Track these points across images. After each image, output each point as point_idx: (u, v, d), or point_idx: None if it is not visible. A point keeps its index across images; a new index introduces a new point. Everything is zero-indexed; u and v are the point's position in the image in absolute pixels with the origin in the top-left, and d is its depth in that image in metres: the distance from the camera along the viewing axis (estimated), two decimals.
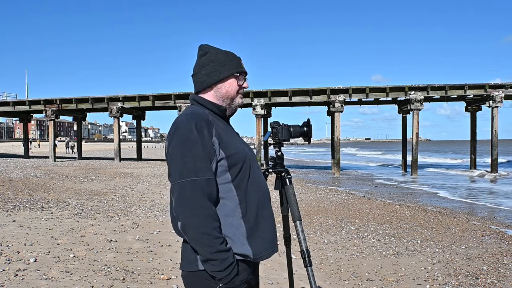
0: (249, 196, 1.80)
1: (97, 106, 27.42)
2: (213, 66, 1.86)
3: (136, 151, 33.26)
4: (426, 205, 10.77)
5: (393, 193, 13.81)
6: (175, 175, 1.68)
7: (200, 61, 1.89)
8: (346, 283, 4.51)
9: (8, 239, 5.71)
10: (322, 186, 15.45)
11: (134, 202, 9.69)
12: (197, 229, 1.63)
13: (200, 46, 1.93)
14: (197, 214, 1.63)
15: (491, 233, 7.22)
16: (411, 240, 6.56)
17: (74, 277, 4.31)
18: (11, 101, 29.42)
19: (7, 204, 8.67)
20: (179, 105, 25.55)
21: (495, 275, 4.80)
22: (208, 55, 1.88)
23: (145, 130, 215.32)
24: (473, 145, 25.60)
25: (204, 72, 1.87)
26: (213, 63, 1.86)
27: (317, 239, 6.52)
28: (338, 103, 23.34)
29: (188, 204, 1.64)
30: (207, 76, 1.86)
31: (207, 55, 1.88)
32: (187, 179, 1.65)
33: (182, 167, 1.67)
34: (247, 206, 1.78)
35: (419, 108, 22.61)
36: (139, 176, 16.63)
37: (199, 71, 1.88)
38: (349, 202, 10.64)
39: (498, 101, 22.18)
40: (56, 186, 12.14)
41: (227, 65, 1.86)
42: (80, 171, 18.10)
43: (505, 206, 11.20)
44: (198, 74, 1.88)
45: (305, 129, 2.48)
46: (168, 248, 5.62)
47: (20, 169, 18.50)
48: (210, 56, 1.87)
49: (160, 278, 4.40)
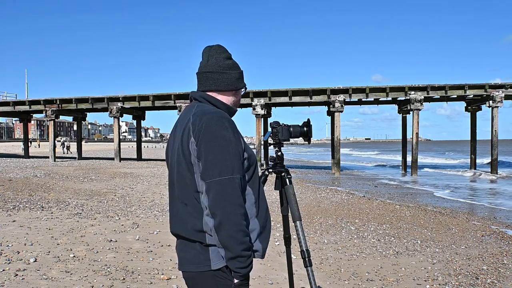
0: (260, 196, 1.84)
1: (97, 106, 27.43)
2: (240, 73, 1.90)
3: (136, 151, 33.27)
4: (426, 205, 10.77)
5: (393, 193, 13.81)
6: (214, 173, 1.65)
7: (225, 62, 1.86)
8: (346, 283, 4.51)
9: (8, 239, 5.71)
10: (322, 186, 15.45)
11: (134, 202, 9.69)
12: (235, 226, 1.63)
13: (222, 46, 1.90)
14: (237, 211, 1.64)
15: (491, 233, 7.22)
16: (411, 240, 6.56)
17: (74, 277, 4.31)
18: (11, 101, 29.43)
19: (7, 204, 8.67)
20: (179, 105, 25.55)
21: (495, 275, 4.80)
22: (233, 61, 1.90)
23: (145, 130, 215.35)
24: (473, 145, 25.60)
25: (235, 76, 1.87)
26: (238, 70, 1.90)
27: (317, 239, 6.52)
28: (338, 103, 23.34)
29: (229, 201, 1.63)
30: (237, 80, 1.88)
31: (232, 60, 1.89)
32: (227, 176, 1.65)
33: (221, 165, 1.66)
34: (259, 206, 1.82)
35: (419, 108, 22.61)
36: (139, 176, 16.63)
37: (227, 72, 1.86)
38: (349, 202, 10.64)
39: (498, 101, 22.18)
40: (56, 186, 12.14)
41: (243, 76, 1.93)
42: (80, 171, 18.10)
43: (505, 206, 11.20)
44: (227, 74, 1.86)
45: (305, 129, 2.48)
46: (168, 248, 5.62)
47: (20, 169, 18.50)
48: (235, 63, 1.90)
49: (160, 278, 4.40)
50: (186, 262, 1.80)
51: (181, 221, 1.78)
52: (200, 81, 1.88)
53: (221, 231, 1.65)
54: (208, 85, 1.85)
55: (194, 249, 1.76)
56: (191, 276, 1.79)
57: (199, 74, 1.88)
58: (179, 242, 1.85)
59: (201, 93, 1.86)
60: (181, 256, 1.83)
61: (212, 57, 1.86)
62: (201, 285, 1.78)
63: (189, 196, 1.75)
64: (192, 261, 1.76)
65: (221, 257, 1.71)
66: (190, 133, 1.72)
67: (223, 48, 1.89)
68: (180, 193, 1.79)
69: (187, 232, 1.76)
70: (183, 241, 1.81)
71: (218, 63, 1.85)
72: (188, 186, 1.75)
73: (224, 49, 1.89)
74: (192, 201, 1.75)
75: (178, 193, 1.80)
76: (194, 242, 1.75)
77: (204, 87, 1.86)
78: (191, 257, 1.77)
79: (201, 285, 1.78)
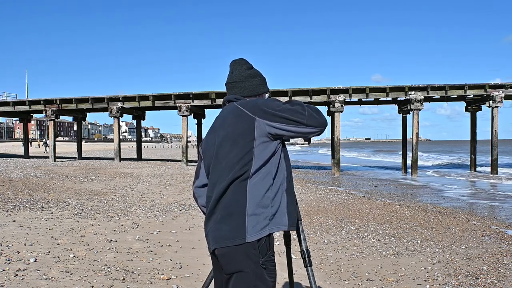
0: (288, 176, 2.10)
1: (97, 106, 27.41)
2: (261, 79, 2.23)
3: (136, 151, 33.25)
4: (426, 205, 10.76)
5: (393, 193, 13.81)
6: (299, 110, 1.99)
7: (247, 72, 2.21)
8: (346, 283, 4.51)
9: (8, 239, 5.71)
10: (322, 186, 15.45)
11: (134, 202, 9.69)
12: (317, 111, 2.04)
13: (243, 59, 2.25)
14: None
15: (491, 233, 7.21)
16: (411, 240, 6.56)
17: (74, 277, 4.31)
18: (11, 101, 29.40)
19: (7, 204, 8.67)
20: (179, 105, 25.55)
21: (495, 275, 4.80)
22: (254, 69, 2.24)
23: (145, 130, 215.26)
24: (473, 145, 25.58)
25: (256, 83, 2.20)
26: (260, 77, 2.23)
27: (317, 239, 6.53)
28: (338, 103, 23.34)
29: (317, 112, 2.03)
30: (258, 86, 2.21)
31: (253, 69, 2.23)
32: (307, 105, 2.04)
33: (297, 105, 2.01)
34: (289, 182, 2.07)
35: (419, 108, 22.60)
36: (139, 176, 16.63)
37: (249, 80, 2.19)
38: (349, 202, 10.64)
39: (498, 101, 22.17)
40: (56, 186, 12.14)
41: (266, 82, 2.26)
42: (80, 171, 18.10)
43: (505, 206, 11.20)
44: (249, 82, 2.19)
45: None
46: (168, 248, 5.62)
47: (20, 169, 18.50)
48: (256, 71, 2.24)
49: (160, 278, 4.40)
50: (233, 235, 1.96)
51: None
52: (228, 90, 2.22)
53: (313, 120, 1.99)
54: (234, 93, 2.19)
55: (239, 224, 1.95)
56: (228, 251, 1.97)
57: (227, 84, 2.24)
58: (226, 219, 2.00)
59: (234, 95, 2.17)
60: (227, 230, 1.97)
61: (236, 69, 2.21)
62: (239, 256, 1.95)
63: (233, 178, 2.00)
64: (234, 236, 1.95)
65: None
66: (255, 114, 1.98)
67: (244, 60, 2.24)
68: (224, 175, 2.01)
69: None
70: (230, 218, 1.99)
71: (240, 73, 2.20)
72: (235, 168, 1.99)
73: (245, 61, 2.24)
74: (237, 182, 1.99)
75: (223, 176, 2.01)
76: (241, 217, 1.95)
77: (243, 93, 2.19)
78: (234, 231, 1.95)
79: (239, 256, 1.95)
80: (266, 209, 1.96)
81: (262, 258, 1.94)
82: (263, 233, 1.94)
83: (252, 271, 1.93)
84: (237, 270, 1.95)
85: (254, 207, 1.94)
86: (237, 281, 1.97)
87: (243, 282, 1.95)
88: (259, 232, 1.93)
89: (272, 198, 1.98)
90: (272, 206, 1.97)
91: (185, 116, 25.76)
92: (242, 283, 1.96)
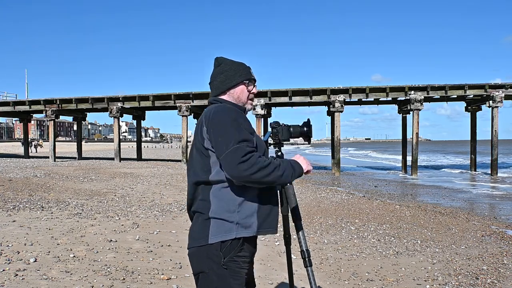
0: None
1: (97, 106, 27.42)
2: (226, 74, 2.19)
3: (136, 151, 33.25)
4: (426, 205, 10.76)
5: (393, 193, 13.81)
6: (222, 150, 1.95)
7: (215, 71, 2.23)
8: (346, 283, 4.51)
9: (8, 239, 5.71)
10: (322, 186, 15.45)
11: (134, 202, 9.69)
12: (262, 170, 1.94)
13: (216, 58, 2.25)
14: (251, 165, 1.95)
15: (491, 233, 7.21)
16: (411, 240, 6.56)
17: (74, 277, 4.31)
18: (11, 101, 29.42)
19: (7, 204, 8.67)
20: (179, 105, 25.55)
21: (495, 275, 4.80)
22: (222, 65, 2.21)
23: (145, 130, 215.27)
24: (473, 145, 25.58)
25: (219, 80, 2.19)
26: (226, 72, 2.19)
27: (317, 239, 6.53)
28: (338, 103, 23.33)
29: (240, 161, 1.95)
30: (221, 83, 2.19)
31: (221, 65, 2.21)
32: (232, 147, 1.97)
33: (226, 141, 1.95)
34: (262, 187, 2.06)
35: (419, 108, 22.60)
36: (139, 176, 16.63)
37: (215, 79, 2.21)
38: (349, 202, 10.64)
39: (498, 101, 22.16)
40: (56, 186, 12.14)
41: (237, 73, 2.19)
42: (80, 171, 18.09)
43: (505, 206, 11.20)
44: (214, 81, 2.21)
45: (305, 129, 2.47)
46: (168, 248, 5.62)
47: (20, 169, 18.50)
48: (224, 67, 2.20)
49: (160, 278, 4.40)
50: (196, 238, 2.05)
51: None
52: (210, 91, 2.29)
53: (261, 180, 1.90)
54: (212, 93, 2.24)
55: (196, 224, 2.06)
56: (193, 251, 2.04)
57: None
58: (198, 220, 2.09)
59: (212, 98, 2.23)
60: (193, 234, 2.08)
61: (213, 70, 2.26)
62: (201, 258, 2.00)
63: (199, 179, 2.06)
64: (196, 237, 2.03)
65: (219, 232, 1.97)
66: (203, 123, 2.03)
67: (216, 59, 2.25)
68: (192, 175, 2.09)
69: None
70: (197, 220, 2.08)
71: (212, 73, 2.24)
72: (197, 169, 2.05)
73: (217, 59, 2.25)
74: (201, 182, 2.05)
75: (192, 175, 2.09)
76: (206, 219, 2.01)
77: (212, 94, 2.25)
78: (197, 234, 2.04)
79: (201, 258, 2.00)
80: (232, 214, 1.98)
81: (224, 259, 1.95)
82: (227, 236, 1.96)
83: (213, 273, 1.96)
84: (200, 270, 2.00)
85: (219, 211, 1.98)
86: (201, 281, 2.02)
87: (205, 283, 2.00)
88: (223, 235, 1.96)
89: (239, 203, 1.99)
90: (239, 211, 1.99)
91: (185, 116, 25.77)
92: (204, 284, 2.00)
